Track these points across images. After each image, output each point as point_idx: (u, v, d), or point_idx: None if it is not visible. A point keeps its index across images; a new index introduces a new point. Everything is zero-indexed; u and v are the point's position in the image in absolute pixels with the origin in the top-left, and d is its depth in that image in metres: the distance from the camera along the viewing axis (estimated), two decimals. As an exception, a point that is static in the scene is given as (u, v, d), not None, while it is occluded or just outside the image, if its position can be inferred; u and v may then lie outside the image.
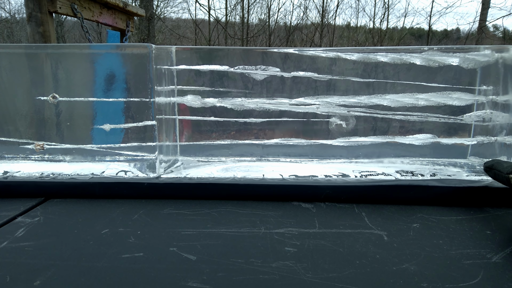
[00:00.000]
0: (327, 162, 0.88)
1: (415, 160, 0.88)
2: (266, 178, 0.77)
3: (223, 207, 0.69)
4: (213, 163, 0.88)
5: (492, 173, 0.68)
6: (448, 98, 0.81)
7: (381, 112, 0.83)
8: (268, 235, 0.58)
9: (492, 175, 0.68)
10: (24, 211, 0.68)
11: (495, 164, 0.68)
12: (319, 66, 0.83)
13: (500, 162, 0.67)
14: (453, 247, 0.55)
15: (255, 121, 0.86)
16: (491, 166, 0.69)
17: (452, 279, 0.47)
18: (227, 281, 0.46)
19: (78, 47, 1.00)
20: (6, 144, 0.85)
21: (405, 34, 12.06)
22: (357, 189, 0.72)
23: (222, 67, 0.83)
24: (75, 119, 0.84)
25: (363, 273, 0.48)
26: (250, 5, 11.28)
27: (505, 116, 0.81)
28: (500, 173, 0.65)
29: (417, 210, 0.68)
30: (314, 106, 0.84)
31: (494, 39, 10.38)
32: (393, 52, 0.81)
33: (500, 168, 0.65)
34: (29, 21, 2.80)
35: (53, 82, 0.82)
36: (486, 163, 0.71)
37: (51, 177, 0.77)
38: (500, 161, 0.68)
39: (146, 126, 0.81)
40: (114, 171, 0.81)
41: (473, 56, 0.79)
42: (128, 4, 3.75)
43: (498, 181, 0.67)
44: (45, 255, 0.52)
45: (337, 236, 0.58)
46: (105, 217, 0.65)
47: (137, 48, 0.80)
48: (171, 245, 0.55)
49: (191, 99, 0.84)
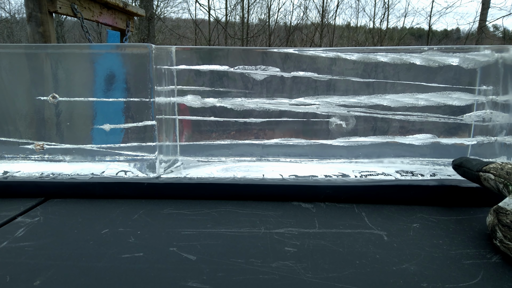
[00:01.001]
0: (327, 162, 0.88)
1: (415, 160, 0.88)
2: (266, 178, 0.77)
3: (223, 207, 0.69)
4: (213, 163, 0.88)
5: (461, 171, 0.68)
6: (448, 98, 0.81)
7: (381, 112, 0.83)
8: (268, 235, 0.58)
9: (461, 172, 0.68)
10: (24, 211, 0.68)
11: (464, 162, 0.67)
12: (319, 66, 0.83)
13: (469, 160, 0.67)
14: (453, 247, 0.55)
15: (255, 121, 0.86)
16: (460, 164, 0.68)
17: (452, 279, 0.47)
18: (227, 281, 0.46)
19: (78, 47, 1.00)
20: (6, 144, 0.85)
21: (405, 34, 12.06)
22: (357, 189, 0.72)
23: (222, 67, 0.83)
24: (75, 119, 0.84)
25: (363, 273, 0.48)
26: (250, 5, 11.28)
27: (505, 116, 0.81)
28: (469, 171, 0.65)
29: (417, 210, 0.68)
30: (314, 106, 0.84)
31: (494, 39, 10.38)
32: (393, 52, 0.81)
33: (469, 166, 0.65)
34: (29, 21, 2.80)
35: (53, 82, 0.82)
36: (454, 161, 0.71)
37: (51, 177, 0.77)
38: (468, 158, 0.68)
39: (146, 126, 0.81)
40: (114, 171, 0.81)
41: (473, 56, 0.79)
42: (128, 4, 3.75)
43: (468, 179, 0.66)
44: (45, 255, 0.52)
45: (337, 236, 0.58)
46: (105, 217, 0.65)
47: (137, 48, 0.80)
48: (171, 245, 0.55)
49: (191, 99, 0.85)
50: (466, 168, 0.66)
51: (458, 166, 0.69)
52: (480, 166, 0.62)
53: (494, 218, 0.55)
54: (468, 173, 0.65)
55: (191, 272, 0.48)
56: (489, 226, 0.56)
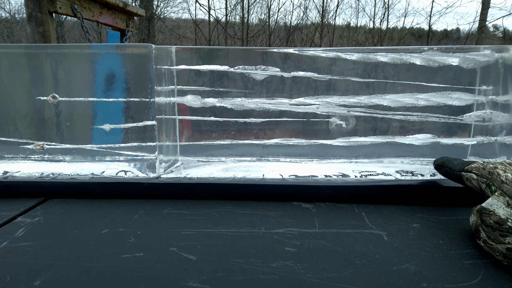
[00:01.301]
0: (327, 162, 0.88)
1: (415, 160, 0.88)
2: (266, 178, 0.77)
3: (223, 207, 0.69)
4: (213, 163, 0.88)
5: (443, 171, 0.67)
6: (448, 98, 0.81)
7: (381, 112, 0.83)
8: (268, 235, 0.58)
9: (443, 172, 0.67)
10: (24, 211, 0.68)
11: (446, 162, 0.67)
12: (319, 66, 0.83)
13: (450, 160, 0.66)
14: (453, 247, 0.55)
15: (255, 121, 0.86)
16: (442, 164, 0.68)
17: (452, 279, 0.47)
18: (227, 281, 0.46)
19: (78, 47, 1.00)
20: (6, 144, 0.85)
21: (405, 34, 12.06)
22: (357, 189, 0.72)
23: (222, 67, 0.83)
24: (75, 119, 0.84)
25: (363, 273, 0.48)
26: (250, 5, 11.28)
27: (505, 116, 0.81)
28: (451, 171, 0.64)
29: (417, 210, 0.68)
30: (314, 106, 0.84)
31: (494, 39, 10.38)
32: (393, 52, 0.81)
33: (451, 165, 0.65)
34: (29, 21, 2.80)
35: (53, 82, 0.82)
36: (436, 161, 0.70)
37: (51, 177, 0.77)
38: (449, 158, 0.67)
39: (146, 126, 0.81)
40: (114, 171, 0.81)
41: (473, 56, 0.79)
42: (128, 4, 3.75)
43: (450, 179, 0.66)
44: (45, 255, 0.52)
45: (337, 236, 0.58)
46: (105, 217, 0.65)
47: (137, 48, 0.80)
48: (171, 245, 0.55)
49: (191, 99, 0.85)
50: (448, 168, 0.65)
51: (440, 166, 0.68)
52: (462, 166, 0.62)
53: (477, 218, 0.54)
54: (450, 173, 0.65)
55: (191, 272, 0.48)
56: (473, 226, 0.56)
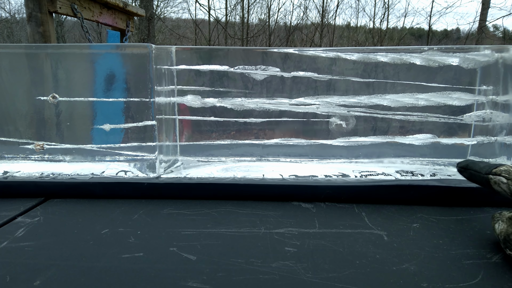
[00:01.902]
0: (327, 162, 0.88)
1: (415, 160, 0.88)
2: (266, 178, 0.77)
3: (223, 207, 0.69)
4: (213, 163, 0.88)
5: (467, 174, 0.65)
6: (448, 98, 0.81)
7: (381, 112, 0.83)
8: (268, 235, 0.58)
9: (468, 175, 0.65)
10: (24, 211, 0.68)
11: (470, 164, 0.64)
12: (319, 66, 0.83)
13: (475, 162, 0.64)
14: (453, 247, 0.55)
15: (255, 121, 0.86)
16: (466, 166, 0.65)
17: (452, 279, 0.47)
18: (227, 281, 0.46)
19: (78, 47, 1.00)
20: (6, 144, 0.85)
21: (405, 34, 12.07)
22: (357, 189, 0.72)
23: (222, 67, 0.83)
24: (75, 119, 0.84)
25: (363, 273, 0.48)
26: (250, 5, 11.29)
27: (505, 116, 0.81)
28: (477, 174, 0.61)
29: (417, 210, 0.68)
30: (314, 106, 0.84)
31: (494, 39, 10.39)
32: (393, 52, 0.81)
33: (476, 168, 0.62)
34: (29, 21, 2.80)
35: (53, 82, 0.82)
36: (459, 163, 0.68)
37: (51, 177, 0.77)
38: (474, 161, 0.65)
39: (146, 126, 0.81)
40: (114, 171, 0.81)
41: (473, 56, 0.79)
42: (128, 4, 3.76)
43: (475, 182, 0.63)
44: (45, 255, 0.52)
45: (337, 236, 0.58)
46: (105, 217, 0.65)
47: (137, 48, 0.80)
48: (171, 245, 0.55)
49: (191, 99, 0.84)
50: (473, 171, 0.63)
51: (464, 169, 0.66)
52: (489, 169, 0.59)
53: (508, 226, 0.51)
54: (476, 176, 0.62)
55: (191, 272, 0.48)
56: (501, 235, 0.53)
